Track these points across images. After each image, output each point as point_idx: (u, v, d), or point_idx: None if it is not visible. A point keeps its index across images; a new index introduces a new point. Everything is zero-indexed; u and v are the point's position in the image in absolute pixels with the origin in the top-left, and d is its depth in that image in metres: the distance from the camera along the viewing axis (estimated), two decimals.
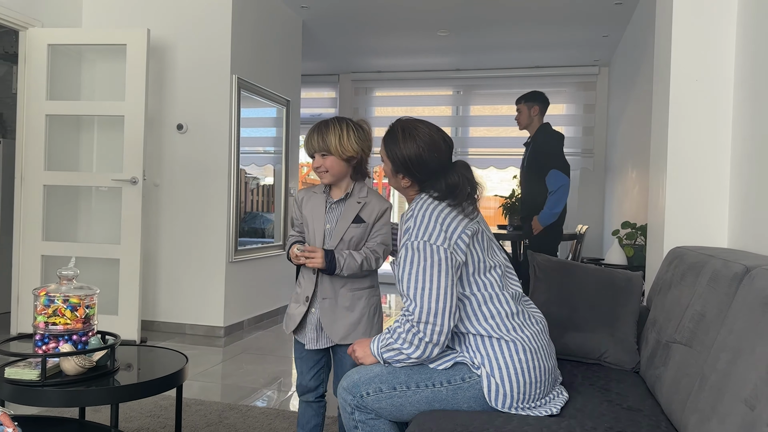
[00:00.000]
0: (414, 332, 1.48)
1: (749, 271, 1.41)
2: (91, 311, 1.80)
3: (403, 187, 1.70)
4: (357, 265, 1.87)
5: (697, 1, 2.29)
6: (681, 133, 2.32)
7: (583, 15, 5.01)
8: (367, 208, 1.94)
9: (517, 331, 1.54)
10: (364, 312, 1.95)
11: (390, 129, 1.69)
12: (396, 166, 1.66)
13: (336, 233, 1.92)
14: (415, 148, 1.62)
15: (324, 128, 1.91)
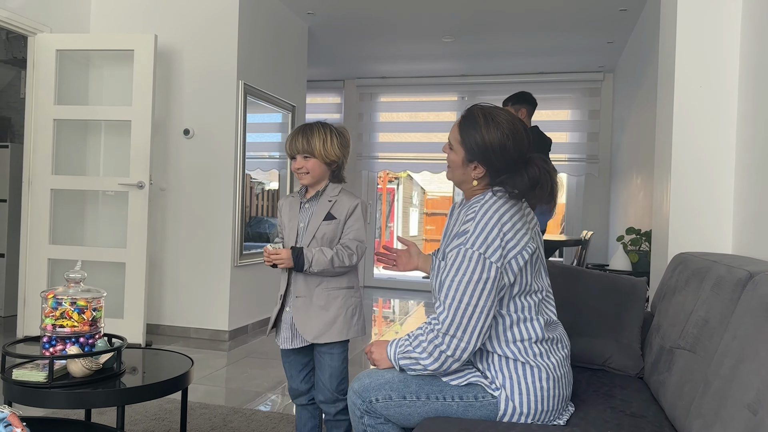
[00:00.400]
0: (436, 344, 1.43)
1: (753, 277, 1.41)
2: (98, 314, 1.81)
3: (471, 179, 1.57)
4: (327, 261, 1.89)
5: (700, 9, 2.30)
6: (685, 140, 2.32)
7: (588, 21, 5.02)
8: (338, 205, 1.98)
9: (543, 357, 1.50)
10: (339, 312, 1.96)
11: (469, 113, 1.57)
12: (472, 155, 1.53)
13: (309, 231, 1.96)
14: (499, 136, 1.50)
15: (309, 131, 1.97)
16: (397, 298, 6.79)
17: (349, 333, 1.97)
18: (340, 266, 1.93)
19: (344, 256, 1.93)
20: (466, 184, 1.61)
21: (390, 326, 5.24)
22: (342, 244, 1.95)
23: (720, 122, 2.27)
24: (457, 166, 1.59)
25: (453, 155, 1.59)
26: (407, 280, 7.79)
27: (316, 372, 2.00)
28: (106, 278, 4.11)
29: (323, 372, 1.97)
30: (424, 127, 7.32)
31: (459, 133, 1.57)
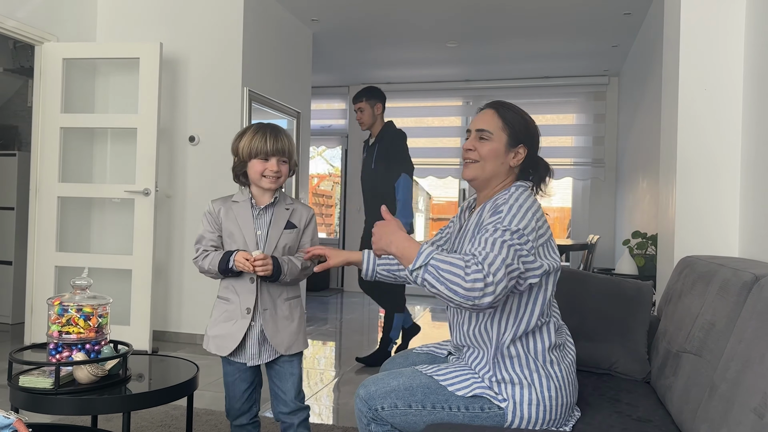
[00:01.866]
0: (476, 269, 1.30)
1: (758, 280, 1.40)
2: (104, 320, 1.82)
3: (508, 168, 1.57)
4: (298, 270, 1.86)
5: (704, 12, 2.30)
6: (690, 143, 2.32)
7: (593, 25, 5.02)
8: (296, 213, 1.93)
9: (554, 365, 1.50)
10: (300, 321, 1.94)
11: (498, 102, 1.62)
12: (517, 137, 1.56)
13: (270, 239, 1.87)
14: (533, 122, 1.61)
15: (286, 134, 1.89)
16: None
17: (306, 342, 1.97)
18: (304, 276, 1.91)
19: (307, 265, 1.89)
20: (498, 177, 1.58)
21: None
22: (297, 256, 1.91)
23: (725, 125, 2.26)
24: (497, 154, 1.56)
25: (491, 144, 1.56)
26: (414, 286, 7.77)
27: (276, 385, 1.93)
28: (112, 285, 4.13)
29: (285, 383, 1.91)
30: (429, 132, 7.33)
31: (500, 119, 1.57)
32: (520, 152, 1.58)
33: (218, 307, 1.94)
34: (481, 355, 1.54)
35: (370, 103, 3.83)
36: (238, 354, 1.89)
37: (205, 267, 1.89)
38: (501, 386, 1.49)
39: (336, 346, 4.53)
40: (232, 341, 1.86)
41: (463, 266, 1.30)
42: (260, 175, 1.85)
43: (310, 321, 5.41)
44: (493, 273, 1.30)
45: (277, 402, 1.94)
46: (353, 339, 4.76)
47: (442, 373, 1.55)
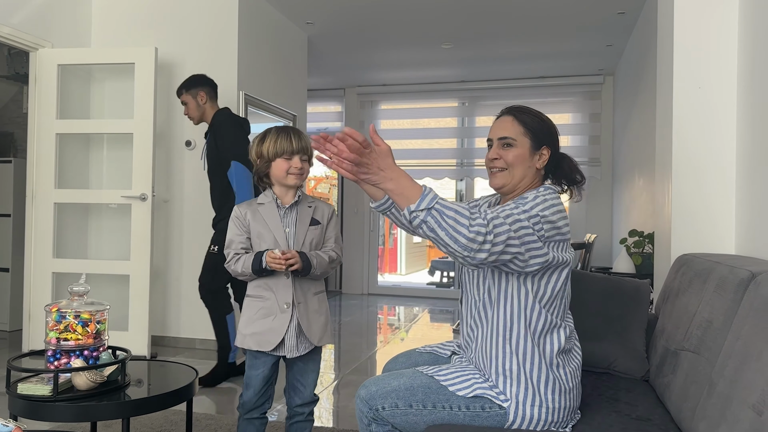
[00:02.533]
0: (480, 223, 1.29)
1: (755, 277, 1.41)
2: (102, 327, 1.82)
3: (536, 170, 1.59)
4: (326, 263, 1.95)
5: (698, 10, 2.31)
6: (685, 141, 2.32)
7: (587, 25, 5.04)
8: (318, 210, 2.03)
9: (560, 368, 1.50)
10: (327, 315, 2.04)
11: (515, 106, 1.64)
12: (539, 139, 1.58)
13: (298, 237, 1.97)
14: (550, 121, 1.63)
15: (306, 135, 2.00)
16: (402, 305, 6.78)
17: (333, 336, 2.06)
18: (332, 268, 2.01)
19: (335, 259, 2.00)
20: (526, 180, 1.59)
21: (395, 333, 5.23)
22: (330, 248, 2.02)
23: (719, 123, 2.27)
24: (523, 159, 1.57)
25: (516, 150, 1.57)
26: (412, 287, 7.78)
27: (297, 379, 2.02)
28: (110, 290, 4.12)
29: (307, 376, 2.02)
30: (425, 134, 7.34)
31: (520, 124, 1.59)
32: (544, 154, 1.60)
33: (251, 305, 1.98)
34: (493, 344, 1.53)
35: (192, 94, 3.40)
36: (279, 348, 1.94)
37: (239, 270, 1.95)
38: (506, 383, 1.49)
39: (335, 348, 4.53)
40: (276, 336, 1.92)
41: (468, 216, 1.29)
42: (285, 172, 1.94)
43: None
44: (496, 234, 1.31)
45: (295, 394, 2.04)
46: (352, 341, 4.76)
47: (443, 374, 1.55)
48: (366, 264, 7.59)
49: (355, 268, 7.61)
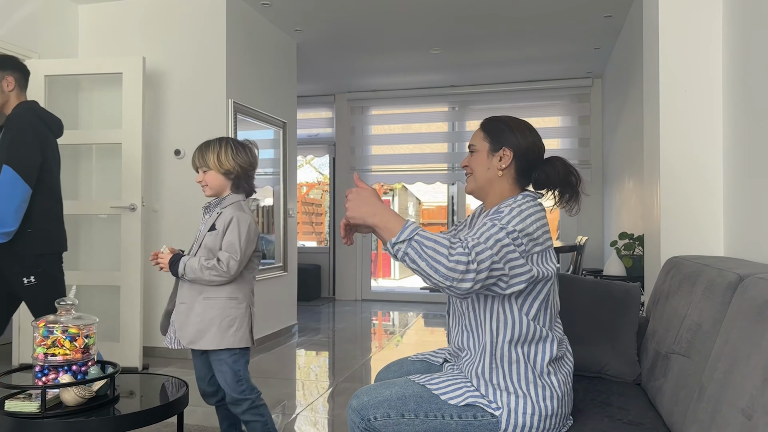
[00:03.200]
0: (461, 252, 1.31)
1: (743, 280, 1.41)
2: (91, 341, 1.80)
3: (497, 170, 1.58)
4: (197, 268, 2.05)
5: (682, 14, 2.33)
6: (672, 144, 2.34)
7: (574, 28, 5.07)
8: (222, 217, 2.13)
9: (551, 375, 1.50)
10: (214, 322, 2.09)
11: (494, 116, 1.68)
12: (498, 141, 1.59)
13: (198, 240, 2.16)
14: (522, 125, 1.62)
15: (205, 147, 2.16)
16: (396, 311, 6.77)
17: (223, 343, 2.09)
18: (212, 276, 2.06)
19: (215, 267, 2.06)
20: (491, 183, 1.61)
21: (390, 338, 5.22)
22: (217, 255, 2.10)
23: (706, 125, 2.29)
24: (482, 161, 1.61)
25: (476, 156, 1.62)
26: (406, 293, 7.77)
27: (216, 375, 2.17)
28: (101, 302, 4.09)
29: (219, 376, 2.14)
30: (416, 139, 7.35)
31: (482, 130, 1.65)
32: (505, 154, 1.59)
33: None
34: (479, 357, 1.53)
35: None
36: (167, 338, 2.17)
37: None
38: (496, 393, 1.49)
39: (329, 356, 4.51)
40: (163, 327, 2.18)
41: (447, 245, 1.32)
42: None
43: (302, 332, 5.38)
44: (478, 262, 1.32)
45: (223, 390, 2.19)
46: (346, 348, 4.74)
47: (434, 383, 1.55)
48: (359, 269, 7.58)
49: (348, 274, 7.59)
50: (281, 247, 5.20)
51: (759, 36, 1.90)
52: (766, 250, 1.83)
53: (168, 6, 4.36)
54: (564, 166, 1.60)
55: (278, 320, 5.07)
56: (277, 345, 4.75)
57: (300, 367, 4.16)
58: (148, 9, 4.39)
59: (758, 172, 1.90)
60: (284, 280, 5.19)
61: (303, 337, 5.12)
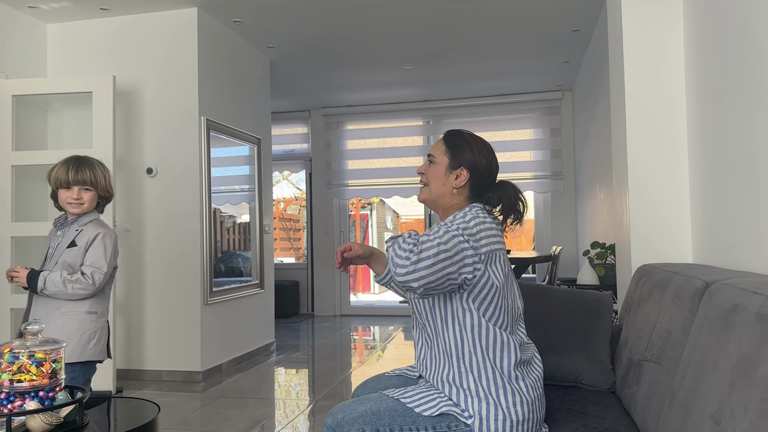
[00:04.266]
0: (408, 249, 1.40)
1: (709, 286, 1.44)
2: (58, 365, 1.75)
3: (452, 188, 1.63)
4: (59, 282, 2.08)
5: (645, 27, 2.39)
6: (639, 154, 2.39)
7: (544, 43, 5.16)
8: (83, 234, 2.17)
9: (519, 380, 1.51)
10: (74, 335, 2.11)
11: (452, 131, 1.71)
12: (458, 160, 1.63)
13: (55, 256, 2.17)
14: (484, 147, 1.66)
15: (90, 164, 2.20)
16: (376, 325, 6.74)
17: (82, 356, 2.12)
18: (77, 289, 2.10)
19: (79, 281, 2.09)
20: (444, 198, 1.65)
21: (371, 353, 5.19)
22: (80, 271, 2.13)
23: (671, 134, 2.34)
24: (439, 176, 1.65)
25: (434, 168, 1.66)
26: (385, 306, 7.75)
27: None
28: None
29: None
30: (392, 153, 7.38)
31: (444, 143, 1.67)
32: (462, 174, 1.63)
33: None
34: (447, 364, 1.54)
35: None
36: None
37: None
38: (468, 400, 1.49)
39: (308, 373, 4.47)
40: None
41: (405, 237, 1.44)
42: (66, 202, 2.19)
43: (280, 350, 5.32)
44: (422, 250, 1.40)
45: None
46: (326, 365, 4.70)
47: (408, 395, 1.55)
48: (337, 285, 7.54)
49: (326, 290, 7.55)
50: (258, 264, 5.16)
51: (718, 48, 1.96)
52: (732, 256, 1.87)
53: (139, 24, 4.34)
54: (514, 192, 1.64)
55: (255, 339, 5.01)
56: (255, 364, 4.68)
57: (278, 386, 4.11)
58: (118, 27, 4.36)
59: (722, 179, 1.95)
60: (261, 297, 5.14)
61: (281, 355, 5.06)
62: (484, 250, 1.50)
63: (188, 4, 4.21)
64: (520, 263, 4.58)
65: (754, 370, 1.04)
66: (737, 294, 1.24)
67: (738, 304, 1.20)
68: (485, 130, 7.01)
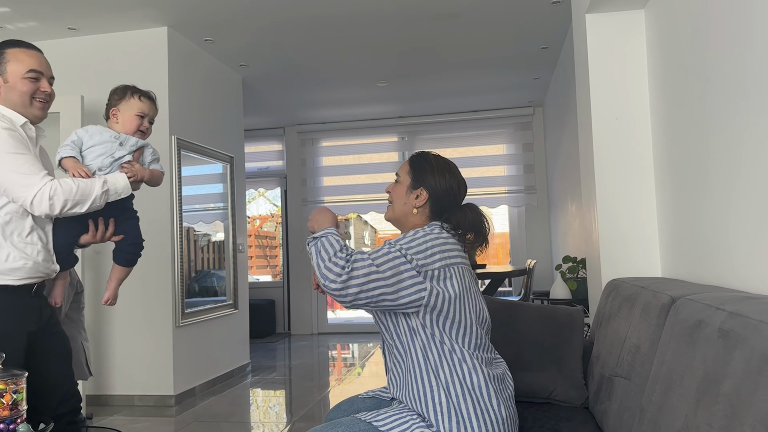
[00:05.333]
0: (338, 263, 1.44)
1: (675, 302, 1.46)
2: (19, 396, 1.69)
3: (412, 207, 1.66)
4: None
5: (609, 46, 2.44)
6: (606, 169, 2.42)
7: (514, 60, 5.25)
8: None
9: (491, 399, 1.49)
10: None
11: (419, 153, 1.74)
12: (418, 180, 1.66)
13: None
14: (447, 169, 1.68)
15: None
16: (355, 342, 6.69)
17: None
18: None
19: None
20: (406, 217, 1.69)
21: (350, 371, 5.14)
22: None
23: (637, 150, 2.39)
24: (401, 195, 1.70)
25: (398, 187, 1.71)
26: (364, 323, 7.70)
27: None
28: None
29: None
30: (367, 169, 7.39)
31: (408, 164, 1.72)
32: (422, 194, 1.67)
33: None
34: (418, 380, 1.53)
35: None
36: None
37: None
38: (438, 418, 1.47)
39: (285, 394, 4.40)
40: None
41: (336, 250, 1.46)
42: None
43: (256, 371, 5.24)
44: (354, 269, 1.44)
45: None
46: (303, 386, 4.64)
47: (380, 419, 1.52)
48: (315, 302, 7.48)
49: (303, 308, 7.48)
50: (232, 283, 5.09)
51: (679, 64, 2.01)
52: (699, 269, 1.90)
53: (107, 43, 4.29)
54: (474, 215, 1.64)
55: (230, 360, 4.92)
56: (230, 386, 4.60)
57: (254, 408, 4.04)
58: (86, 46, 4.30)
59: (686, 194, 1.98)
60: (235, 317, 5.06)
61: (257, 377, 4.98)
62: (437, 266, 1.50)
63: (158, 24, 4.18)
64: (496, 277, 4.61)
65: (718, 387, 1.05)
66: (701, 309, 1.26)
67: (702, 320, 1.22)
68: (459, 145, 7.08)
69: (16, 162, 1.72)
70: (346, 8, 4.01)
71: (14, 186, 1.72)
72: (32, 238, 1.81)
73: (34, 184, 1.71)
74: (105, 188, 1.82)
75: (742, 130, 1.53)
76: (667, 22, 2.12)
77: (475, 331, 1.55)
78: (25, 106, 1.88)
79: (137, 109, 2.02)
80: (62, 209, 1.75)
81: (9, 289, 1.76)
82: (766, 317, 1.02)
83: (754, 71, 1.45)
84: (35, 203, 1.72)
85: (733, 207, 1.61)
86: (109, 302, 2.05)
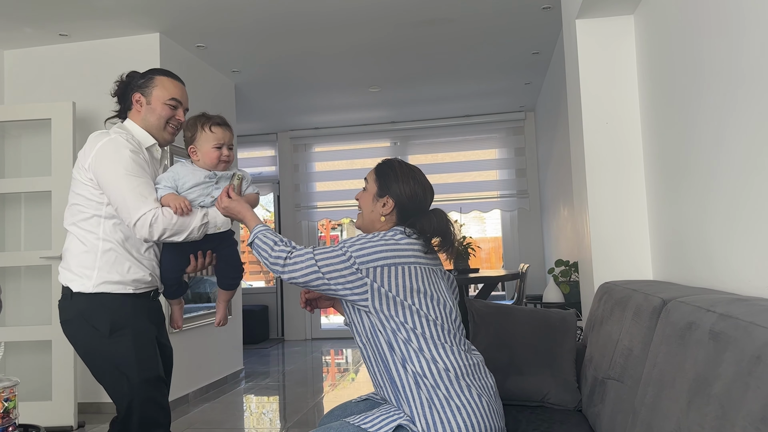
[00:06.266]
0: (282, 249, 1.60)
1: (666, 304, 1.47)
2: (11, 404, 1.69)
3: (380, 215, 1.71)
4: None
5: (599, 50, 2.47)
6: (597, 173, 2.44)
7: (506, 65, 5.28)
8: None
9: (471, 390, 1.50)
10: None
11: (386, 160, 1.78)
12: (384, 189, 1.70)
13: None
14: (412, 176, 1.71)
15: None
16: (349, 348, 6.68)
17: None
18: None
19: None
20: (374, 224, 1.73)
21: (344, 375, 5.13)
22: None
23: (627, 154, 2.41)
24: (368, 202, 1.74)
25: (366, 195, 1.75)
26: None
27: None
28: (30, 358, 3.85)
29: None
30: (360, 174, 7.39)
31: (374, 172, 1.76)
32: (387, 203, 1.70)
33: None
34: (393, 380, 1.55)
35: None
36: None
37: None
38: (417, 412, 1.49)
39: (279, 400, 4.39)
40: None
41: (275, 242, 1.62)
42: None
43: (249, 377, 5.22)
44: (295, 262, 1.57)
45: None
46: (297, 391, 4.62)
47: (368, 420, 1.54)
48: None
49: (296, 313, 7.46)
50: None
51: (668, 69, 2.03)
52: (690, 272, 1.92)
53: (99, 50, 4.28)
54: (440, 220, 1.67)
55: (223, 366, 4.90)
56: (223, 393, 4.58)
57: (248, 415, 4.02)
58: (78, 53, 4.29)
59: (676, 197, 2.01)
60: (228, 323, 5.04)
61: (250, 383, 4.96)
62: (380, 264, 1.54)
63: (150, 30, 4.18)
64: (489, 281, 4.61)
65: (709, 388, 1.06)
66: (692, 312, 1.27)
67: (692, 322, 1.23)
68: (451, 150, 7.10)
69: (132, 184, 1.82)
70: (339, 14, 4.02)
71: (125, 206, 1.83)
72: (149, 254, 1.96)
73: (141, 207, 1.81)
74: (204, 221, 1.89)
75: (729, 134, 1.55)
76: (656, 27, 2.15)
77: (439, 324, 1.56)
78: (159, 130, 2.00)
79: (213, 141, 1.95)
80: (160, 236, 1.83)
81: (133, 296, 1.91)
82: (755, 319, 1.03)
83: (740, 77, 1.48)
84: (138, 226, 1.82)
85: (722, 210, 1.63)
86: (221, 324, 2.09)
